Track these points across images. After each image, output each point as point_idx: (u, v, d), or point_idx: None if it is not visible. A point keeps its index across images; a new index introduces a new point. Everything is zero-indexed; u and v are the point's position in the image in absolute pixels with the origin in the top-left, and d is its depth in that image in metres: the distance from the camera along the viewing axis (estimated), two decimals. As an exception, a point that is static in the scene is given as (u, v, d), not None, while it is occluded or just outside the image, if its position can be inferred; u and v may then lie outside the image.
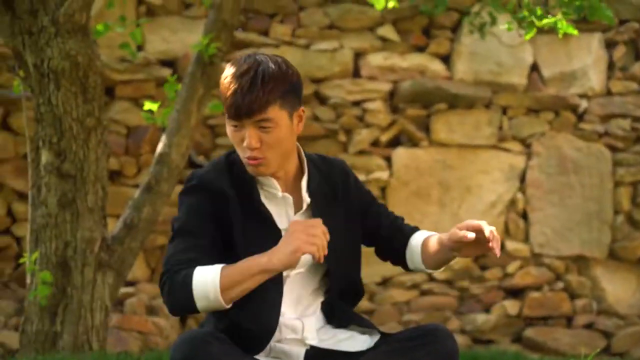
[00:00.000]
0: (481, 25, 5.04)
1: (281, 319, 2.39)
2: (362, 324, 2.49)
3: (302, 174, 2.48)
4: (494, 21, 5.39)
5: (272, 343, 2.41)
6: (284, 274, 2.37)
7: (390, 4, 4.46)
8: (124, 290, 5.47)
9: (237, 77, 2.32)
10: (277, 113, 2.34)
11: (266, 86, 2.32)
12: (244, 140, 2.35)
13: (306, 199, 2.46)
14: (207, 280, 2.26)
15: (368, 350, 2.40)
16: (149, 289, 5.69)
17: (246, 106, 2.30)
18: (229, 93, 2.32)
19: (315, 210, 2.45)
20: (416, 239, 2.53)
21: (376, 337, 2.45)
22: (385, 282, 5.95)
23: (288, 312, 2.43)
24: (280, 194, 2.43)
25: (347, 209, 2.52)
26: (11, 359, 4.36)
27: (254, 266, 2.27)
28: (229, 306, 2.28)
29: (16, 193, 5.67)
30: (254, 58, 2.36)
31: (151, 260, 5.73)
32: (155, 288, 5.65)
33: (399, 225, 2.58)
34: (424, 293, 5.95)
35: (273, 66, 2.35)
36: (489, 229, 2.30)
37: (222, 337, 2.30)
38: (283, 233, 2.35)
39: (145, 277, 5.72)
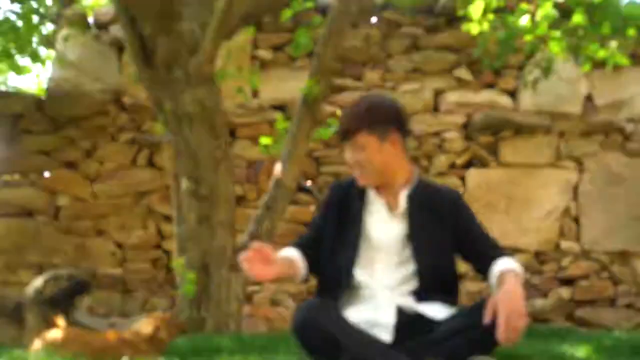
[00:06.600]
0: (534, 81, 5.21)
1: (381, 281, 2.70)
2: (450, 303, 2.74)
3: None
4: (547, 70, 5.37)
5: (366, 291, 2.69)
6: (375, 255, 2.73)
7: (485, 26, 4.70)
8: (252, 288, 6.03)
9: (343, 110, 2.85)
10: (365, 138, 2.68)
11: (356, 117, 2.69)
12: None
13: (402, 204, 2.76)
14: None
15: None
16: (272, 287, 6.16)
17: (342, 132, 2.72)
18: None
19: (411, 214, 2.74)
20: (494, 272, 2.66)
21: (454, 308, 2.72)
22: (460, 277, 5.95)
23: (382, 280, 2.72)
24: (377, 202, 2.78)
25: (444, 223, 2.76)
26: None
27: None
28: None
29: (162, 216, 6.26)
30: (364, 97, 2.76)
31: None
32: (276, 286, 6.12)
33: (483, 250, 2.73)
34: (493, 284, 6.20)
35: (368, 102, 2.70)
36: (503, 324, 2.39)
37: (335, 305, 2.61)
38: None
39: (268, 278, 6.22)
